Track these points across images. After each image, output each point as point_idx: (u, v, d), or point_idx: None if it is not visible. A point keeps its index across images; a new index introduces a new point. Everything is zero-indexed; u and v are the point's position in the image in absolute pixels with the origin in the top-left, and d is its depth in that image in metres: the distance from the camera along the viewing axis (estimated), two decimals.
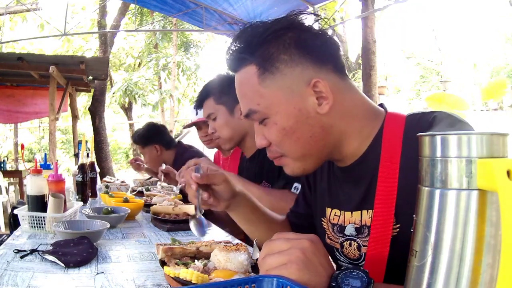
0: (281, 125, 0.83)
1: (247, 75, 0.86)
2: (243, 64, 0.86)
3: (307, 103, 0.82)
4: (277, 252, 0.69)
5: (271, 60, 0.82)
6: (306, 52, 0.82)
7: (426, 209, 0.47)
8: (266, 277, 0.66)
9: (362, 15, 5.34)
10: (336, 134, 0.85)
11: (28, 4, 8.75)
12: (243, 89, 0.88)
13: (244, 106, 0.88)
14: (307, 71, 0.82)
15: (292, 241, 0.69)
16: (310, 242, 0.69)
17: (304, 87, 0.82)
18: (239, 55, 0.86)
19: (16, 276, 0.95)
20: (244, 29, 0.86)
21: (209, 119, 1.75)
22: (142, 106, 13.02)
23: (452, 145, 0.45)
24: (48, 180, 1.50)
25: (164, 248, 1.01)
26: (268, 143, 0.88)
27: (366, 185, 0.86)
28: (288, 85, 0.82)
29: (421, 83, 18.18)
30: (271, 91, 0.83)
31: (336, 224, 0.95)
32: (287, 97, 0.82)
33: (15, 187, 6.46)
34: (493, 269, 0.43)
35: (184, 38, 13.85)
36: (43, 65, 5.54)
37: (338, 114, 0.84)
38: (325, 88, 0.81)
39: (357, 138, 0.87)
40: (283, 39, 0.82)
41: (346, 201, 0.92)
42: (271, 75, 0.82)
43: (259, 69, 0.83)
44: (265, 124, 0.86)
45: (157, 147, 2.84)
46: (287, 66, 0.82)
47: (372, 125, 0.87)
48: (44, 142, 13.47)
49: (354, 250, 0.90)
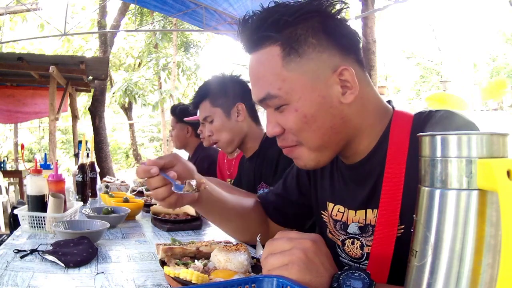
0: (302, 112, 0.78)
1: (268, 56, 0.80)
2: (266, 43, 0.80)
3: (332, 91, 0.79)
4: (279, 252, 0.68)
5: (298, 42, 0.77)
6: (333, 39, 0.79)
7: (426, 209, 0.47)
8: (266, 277, 0.66)
9: (362, 15, 5.34)
10: (353, 129, 0.83)
11: (28, 4, 8.75)
12: (262, 70, 0.81)
13: (261, 90, 0.82)
14: (334, 58, 0.79)
15: (294, 241, 0.69)
16: (312, 242, 0.68)
17: (330, 74, 0.78)
18: (263, 33, 0.79)
19: (16, 276, 0.95)
20: (268, 8, 0.81)
21: (206, 121, 1.74)
22: (142, 106, 13.02)
23: (452, 145, 0.45)
24: (48, 180, 1.50)
25: (164, 248, 1.01)
26: (282, 130, 0.83)
27: (372, 184, 0.85)
28: (314, 70, 0.78)
29: (421, 83, 18.19)
30: (295, 75, 0.78)
31: (339, 221, 0.94)
32: (312, 83, 0.78)
33: (15, 187, 6.46)
34: (493, 269, 0.43)
35: (184, 38, 13.84)
36: (43, 65, 5.55)
37: (358, 107, 0.81)
38: (351, 77, 0.78)
39: (369, 135, 0.85)
40: (312, 22, 0.78)
41: (351, 198, 0.90)
42: (297, 58, 0.78)
43: (284, 50, 0.78)
44: (281, 110, 0.81)
45: (189, 129, 2.80)
46: (314, 50, 0.78)
47: (382, 123, 0.85)
48: (44, 142, 13.47)
49: (357, 249, 0.89)
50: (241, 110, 1.66)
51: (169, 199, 0.90)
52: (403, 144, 0.81)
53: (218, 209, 1.06)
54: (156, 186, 0.89)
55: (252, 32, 0.82)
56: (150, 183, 0.89)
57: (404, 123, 0.83)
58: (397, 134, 0.82)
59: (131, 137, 14.16)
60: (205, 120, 1.74)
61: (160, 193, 0.89)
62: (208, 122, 1.72)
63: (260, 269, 0.98)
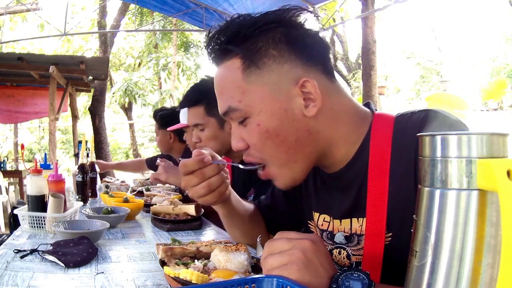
0: (264, 127, 0.77)
1: (230, 69, 0.80)
2: (227, 56, 0.80)
3: (294, 103, 0.77)
4: (278, 252, 0.68)
5: (258, 54, 0.77)
6: (296, 50, 0.77)
7: (426, 209, 0.47)
8: (266, 277, 0.66)
9: (362, 15, 5.35)
10: (323, 140, 0.81)
11: (28, 4, 8.75)
12: (224, 84, 0.81)
13: (223, 103, 0.81)
14: (296, 70, 0.77)
15: (293, 241, 0.68)
16: (312, 242, 0.68)
17: (292, 86, 0.77)
18: (223, 46, 0.79)
19: (16, 276, 0.95)
20: (231, 19, 0.80)
21: (195, 127, 1.64)
22: (142, 106, 13.03)
23: (452, 145, 0.45)
24: (48, 180, 1.50)
25: (164, 248, 1.01)
26: (246, 146, 0.82)
27: (355, 193, 0.83)
28: (275, 82, 0.76)
29: (421, 83, 18.19)
30: (255, 88, 0.77)
31: (325, 230, 0.92)
32: (273, 95, 0.76)
33: (15, 187, 6.46)
34: (493, 269, 0.43)
35: (184, 38, 13.85)
36: (43, 65, 5.54)
37: (326, 118, 0.79)
38: (313, 88, 0.76)
39: (345, 145, 0.83)
40: (273, 33, 0.77)
41: (335, 207, 0.89)
42: (257, 70, 0.77)
43: (244, 63, 0.77)
44: (245, 124, 0.80)
45: (171, 135, 2.75)
46: (275, 61, 0.76)
47: (360, 131, 0.83)
48: (44, 142, 13.46)
49: (344, 258, 0.88)
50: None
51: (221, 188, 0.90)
52: (385, 149, 0.79)
53: (237, 211, 1.07)
54: (211, 174, 0.88)
55: (213, 46, 0.81)
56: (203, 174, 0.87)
57: (385, 127, 0.81)
58: (378, 138, 0.80)
59: (131, 137, 14.17)
60: (195, 126, 1.65)
61: (215, 182, 0.88)
62: (198, 129, 1.64)
63: (260, 269, 0.98)
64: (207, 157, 0.86)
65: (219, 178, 0.89)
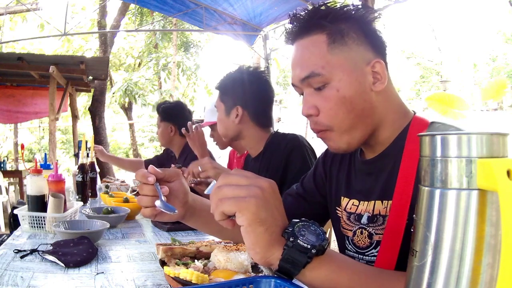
0: (342, 92, 0.88)
1: (315, 42, 0.91)
2: (313, 31, 0.91)
3: (366, 79, 0.89)
4: (234, 184, 0.67)
5: (342, 34, 0.89)
6: (369, 38, 0.91)
7: (426, 209, 0.47)
8: (264, 278, 0.66)
9: None
10: (378, 117, 0.91)
11: (28, 4, 8.74)
12: (307, 53, 0.91)
13: (303, 69, 0.90)
14: (368, 53, 0.91)
15: (251, 179, 0.68)
16: (269, 183, 0.68)
17: (365, 65, 0.89)
18: (316, 21, 0.91)
19: (16, 276, 0.95)
20: (319, 5, 0.93)
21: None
22: (142, 106, 13.02)
23: (452, 145, 0.45)
24: (48, 180, 1.50)
25: (164, 248, 1.01)
26: (317, 112, 0.90)
27: (386, 176, 0.91)
28: (353, 58, 0.89)
29: (421, 83, 18.20)
30: (338, 59, 0.89)
31: (353, 213, 0.98)
32: (352, 68, 0.89)
33: (15, 187, 6.46)
34: (493, 269, 0.43)
35: (184, 38, 13.85)
36: (43, 65, 5.54)
37: (383, 98, 0.91)
38: (382, 70, 0.89)
39: (390, 128, 0.93)
40: (353, 22, 0.91)
41: (365, 191, 0.96)
42: (340, 46, 0.89)
43: (330, 38, 0.89)
44: (323, 90, 0.89)
45: (172, 128, 2.77)
46: (354, 42, 0.90)
47: (402, 121, 0.94)
48: (44, 142, 13.47)
49: (365, 238, 0.94)
50: (239, 113, 1.66)
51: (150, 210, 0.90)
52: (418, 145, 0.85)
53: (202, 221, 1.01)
54: (144, 193, 0.89)
55: (306, 18, 0.93)
56: (141, 188, 0.90)
57: (422, 125, 0.90)
58: (415, 134, 0.89)
59: (131, 137, 14.16)
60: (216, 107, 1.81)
61: (144, 201, 0.89)
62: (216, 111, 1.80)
63: (261, 270, 0.98)
64: (151, 177, 0.88)
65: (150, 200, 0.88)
